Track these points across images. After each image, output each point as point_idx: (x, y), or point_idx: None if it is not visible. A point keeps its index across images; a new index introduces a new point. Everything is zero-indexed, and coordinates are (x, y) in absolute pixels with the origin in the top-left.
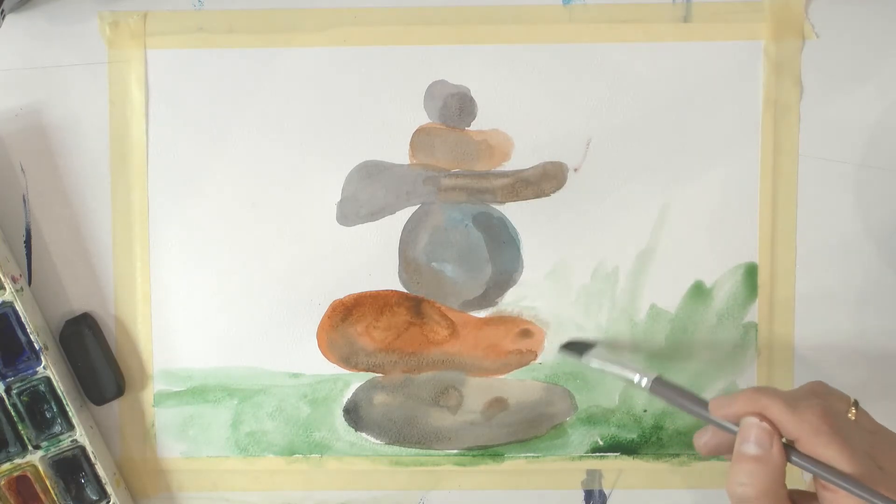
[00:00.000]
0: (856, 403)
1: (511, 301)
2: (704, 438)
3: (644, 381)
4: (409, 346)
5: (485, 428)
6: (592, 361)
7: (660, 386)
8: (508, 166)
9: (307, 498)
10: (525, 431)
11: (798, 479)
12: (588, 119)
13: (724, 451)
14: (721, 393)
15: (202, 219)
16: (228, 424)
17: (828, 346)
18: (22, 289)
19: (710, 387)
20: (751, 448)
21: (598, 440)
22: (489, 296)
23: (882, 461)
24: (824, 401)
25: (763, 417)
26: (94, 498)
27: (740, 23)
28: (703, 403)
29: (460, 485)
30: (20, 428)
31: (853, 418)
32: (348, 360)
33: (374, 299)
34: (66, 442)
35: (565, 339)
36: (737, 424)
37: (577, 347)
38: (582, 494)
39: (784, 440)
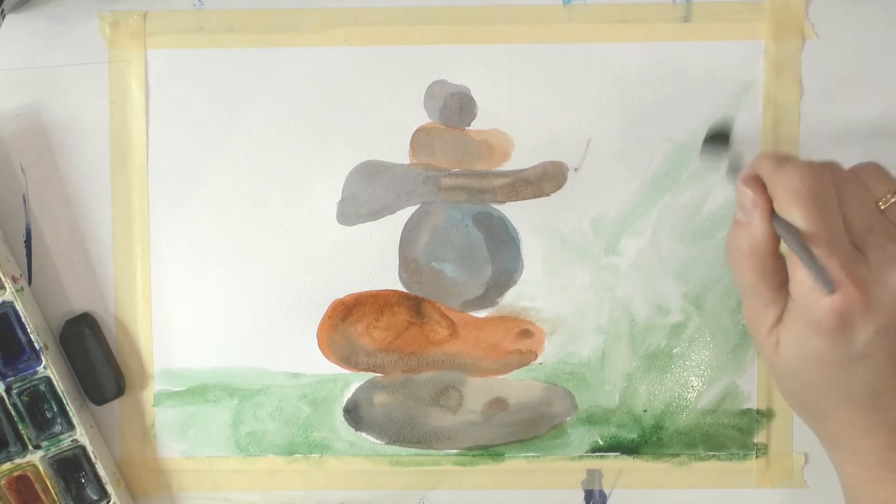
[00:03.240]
0: None
1: (511, 301)
2: None
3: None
4: (409, 346)
5: (485, 428)
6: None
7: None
8: (508, 166)
9: (307, 498)
10: (525, 431)
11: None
12: (588, 119)
13: None
14: (720, 392)
15: (202, 219)
16: (228, 424)
17: None
18: (22, 289)
19: (710, 387)
20: (737, 213)
21: (598, 440)
22: (489, 296)
23: (872, 249)
24: (841, 170)
25: (758, 178)
26: (95, 498)
27: (740, 23)
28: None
29: (460, 485)
30: (20, 428)
31: (883, 206)
32: (348, 359)
33: (374, 299)
34: (66, 442)
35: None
36: None
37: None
38: (582, 494)
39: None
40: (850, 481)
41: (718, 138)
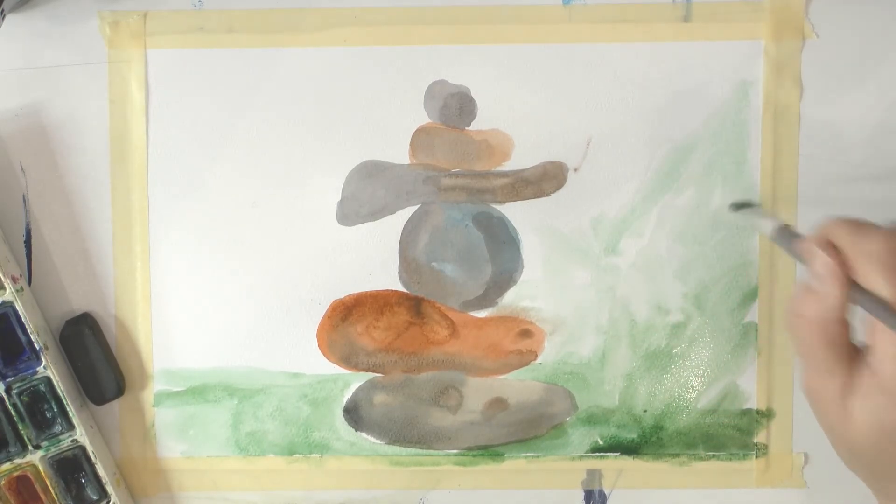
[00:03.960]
0: None
1: (511, 301)
2: None
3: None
4: (409, 346)
5: (485, 428)
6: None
7: (779, 235)
8: (508, 166)
9: (307, 498)
10: (525, 431)
11: None
12: (588, 119)
13: None
14: (720, 392)
15: (202, 219)
16: (228, 424)
17: None
18: (22, 289)
19: (710, 387)
20: (810, 279)
21: (598, 440)
22: (489, 296)
23: None
24: None
25: (831, 245)
26: (95, 498)
27: (740, 23)
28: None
29: (460, 485)
30: (20, 428)
31: None
32: (348, 359)
33: (374, 299)
34: (66, 442)
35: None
36: None
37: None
38: (582, 494)
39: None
40: None
41: (744, 205)
